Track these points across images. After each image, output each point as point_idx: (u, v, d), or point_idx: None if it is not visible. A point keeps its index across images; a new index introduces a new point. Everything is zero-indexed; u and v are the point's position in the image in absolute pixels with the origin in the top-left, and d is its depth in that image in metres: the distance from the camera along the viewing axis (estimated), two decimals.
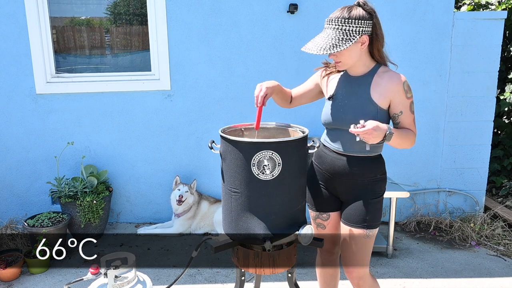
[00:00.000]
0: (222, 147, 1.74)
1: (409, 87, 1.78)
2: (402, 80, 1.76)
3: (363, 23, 1.70)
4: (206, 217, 3.65)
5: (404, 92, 1.76)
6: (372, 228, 1.87)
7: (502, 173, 4.46)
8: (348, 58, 1.77)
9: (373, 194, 1.86)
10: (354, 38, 1.69)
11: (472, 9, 4.65)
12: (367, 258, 1.92)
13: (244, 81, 3.72)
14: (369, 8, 1.74)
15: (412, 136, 1.79)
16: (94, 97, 3.71)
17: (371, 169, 1.85)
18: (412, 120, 1.80)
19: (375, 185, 1.86)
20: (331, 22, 1.74)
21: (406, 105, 1.77)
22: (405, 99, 1.76)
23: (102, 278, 1.89)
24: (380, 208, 1.89)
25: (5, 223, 3.78)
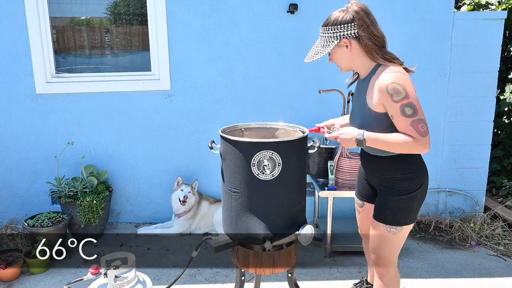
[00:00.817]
0: (222, 147, 1.74)
1: (397, 89, 1.67)
2: (387, 83, 1.69)
3: (342, 27, 1.75)
4: (206, 217, 3.65)
5: (388, 96, 1.68)
6: (393, 225, 1.87)
7: (502, 173, 4.46)
8: (340, 61, 1.84)
9: (393, 192, 1.86)
10: (332, 44, 1.77)
11: (472, 9, 4.65)
12: (390, 252, 1.93)
13: (244, 81, 3.72)
14: (352, 11, 1.76)
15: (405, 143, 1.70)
16: (94, 97, 3.71)
17: (389, 168, 1.88)
18: (405, 124, 1.69)
19: (395, 184, 1.87)
20: (320, 31, 1.86)
21: (395, 109, 1.69)
22: (392, 102, 1.68)
23: (102, 278, 1.89)
24: (405, 207, 1.86)
25: (5, 223, 3.78)
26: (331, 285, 2.83)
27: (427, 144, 1.71)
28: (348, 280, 2.90)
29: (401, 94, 1.67)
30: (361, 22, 1.74)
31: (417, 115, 1.68)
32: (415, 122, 1.68)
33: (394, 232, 1.88)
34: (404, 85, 1.68)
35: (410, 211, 1.87)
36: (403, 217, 1.87)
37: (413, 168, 1.87)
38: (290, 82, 3.73)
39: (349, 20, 1.74)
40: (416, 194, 1.86)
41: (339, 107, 3.75)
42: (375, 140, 1.73)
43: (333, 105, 3.75)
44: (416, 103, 1.69)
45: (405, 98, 1.67)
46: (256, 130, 2.02)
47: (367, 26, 1.75)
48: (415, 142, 1.69)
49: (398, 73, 1.72)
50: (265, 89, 3.73)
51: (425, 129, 1.69)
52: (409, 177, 1.86)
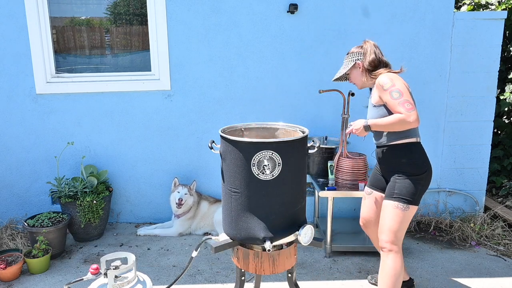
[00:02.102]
0: (222, 147, 1.74)
1: (386, 81, 2.21)
2: (378, 80, 2.27)
3: (354, 54, 2.45)
4: (206, 217, 3.65)
5: (381, 87, 2.24)
6: (401, 202, 2.24)
7: (502, 173, 4.46)
8: (354, 79, 2.49)
9: (400, 173, 2.29)
10: (349, 65, 2.45)
11: (472, 9, 4.65)
12: (399, 229, 2.27)
13: (244, 81, 3.72)
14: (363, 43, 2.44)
15: (397, 119, 2.15)
16: (94, 97, 3.71)
17: (395, 155, 2.31)
18: (394, 105, 2.17)
19: (401, 167, 2.29)
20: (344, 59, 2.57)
21: (386, 95, 2.21)
22: (383, 91, 2.22)
23: (102, 278, 1.89)
24: (410, 186, 2.24)
25: (5, 223, 3.78)
26: (331, 285, 2.83)
27: (415, 117, 2.12)
28: (348, 280, 2.90)
29: (388, 83, 2.21)
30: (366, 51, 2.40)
31: (402, 97, 2.16)
32: (402, 102, 2.15)
33: (402, 208, 2.25)
34: (390, 79, 2.23)
35: (414, 191, 2.25)
36: (409, 194, 2.24)
37: (415, 156, 2.27)
38: (290, 82, 3.73)
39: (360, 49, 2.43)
40: (420, 178, 2.25)
41: (339, 107, 3.75)
42: (376, 123, 2.25)
43: (333, 105, 3.75)
44: (401, 89, 2.18)
45: (391, 86, 2.20)
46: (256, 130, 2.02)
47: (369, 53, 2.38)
48: (405, 118, 2.13)
49: (387, 73, 2.30)
50: (265, 89, 3.73)
51: (411, 107, 2.14)
52: (413, 162, 2.26)
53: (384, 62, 2.39)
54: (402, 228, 2.29)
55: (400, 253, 2.31)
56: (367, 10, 3.61)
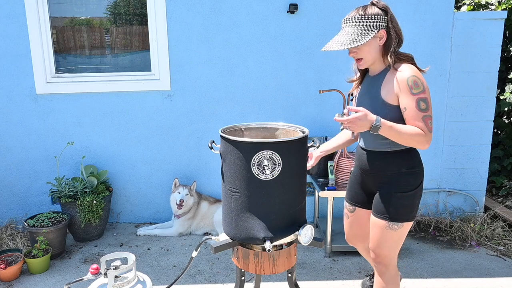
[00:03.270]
0: (222, 147, 1.74)
1: (417, 82, 1.74)
2: (408, 75, 1.75)
3: (379, 18, 1.79)
4: (206, 217, 3.65)
5: (407, 88, 1.74)
6: (396, 221, 1.89)
7: (502, 173, 4.46)
8: (368, 53, 1.83)
9: (397, 188, 1.88)
10: (373, 32, 1.77)
11: (472, 9, 4.65)
12: (392, 248, 1.95)
13: (244, 81, 3.72)
14: (382, 5, 1.82)
15: (416, 135, 1.74)
16: (94, 97, 3.71)
17: (394, 163, 1.89)
18: (417, 118, 1.74)
19: (400, 179, 1.89)
20: (348, 21, 1.83)
21: (410, 101, 1.74)
22: (409, 95, 1.74)
23: (102, 278, 1.89)
24: (408, 204, 1.88)
25: (5, 223, 3.78)
26: (331, 285, 2.83)
27: (430, 141, 1.78)
28: (348, 280, 2.90)
29: (420, 88, 1.74)
30: (392, 17, 1.82)
31: (428, 111, 1.75)
32: (426, 117, 1.75)
33: (396, 228, 1.91)
34: (422, 80, 1.76)
35: (412, 207, 1.91)
36: (406, 213, 1.90)
37: (415, 163, 1.91)
38: (290, 82, 3.73)
39: (383, 13, 1.80)
40: (417, 190, 1.91)
41: (339, 107, 3.75)
42: (390, 128, 1.75)
43: (333, 105, 3.75)
44: (429, 100, 1.77)
45: (422, 93, 1.74)
46: (256, 130, 2.02)
47: (396, 21, 1.84)
48: (423, 136, 1.75)
49: (416, 69, 1.80)
50: (265, 89, 3.73)
51: (432, 126, 1.77)
52: (413, 171, 1.89)
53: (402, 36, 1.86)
54: (396, 249, 1.97)
55: (396, 266, 2.05)
56: None
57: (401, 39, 1.84)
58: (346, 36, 1.79)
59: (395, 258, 2.00)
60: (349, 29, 1.81)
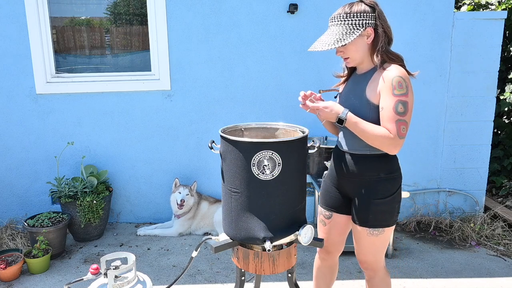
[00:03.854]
0: (222, 147, 1.74)
1: (401, 84, 1.67)
2: (394, 75, 1.68)
3: (366, 15, 1.71)
4: (206, 217, 3.65)
5: (391, 87, 1.67)
6: (376, 227, 1.85)
7: (502, 173, 4.46)
8: (355, 52, 1.77)
9: (376, 194, 1.82)
10: (359, 31, 1.71)
11: (472, 9, 4.65)
12: (377, 253, 1.92)
13: (244, 81, 3.72)
14: (370, 2, 1.75)
15: (381, 136, 1.68)
16: (94, 97, 3.71)
17: (373, 168, 1.82)
18: (391, 119, 1.67)
19: (378, 185, 1.82)
20: (334, 19, 1.77)
21: (390, 101, 1.67)
22: (390, 94, 1.67)
23: (102, 278, 1.89)
24: (388, 209, 1.83)
25: (5, 223, 3.78)
26: None
27: (399, 147, 1.70)
28: (348, 280, 2.90)
29: (403, 90, 1.68)
30: (381, 14, 1.75)
31: (405, 116, 1.68)
32: (400, 122, 1.68)
33: (377, 234, 1.86)
34: (407, 83, 1.70)
35: (392, 212, 1.86)
36: (386, 219, 1.85)
37: (394, 168, 1.85)
38: (290, 82, 3.73)
39: (370, 10, 1.72)
40: (396, 195, 1.85)
41: None
42: (355, 124, 1.71)
43: None
44: (410, 105, 1.70)
45: (404, 95, 1.68)
46: (256, 130, 2.02)
47: (385, 18, 1.77)
48: (390, 139, 1.68)
49: (404, 71, 1.74)
50: (265, 89, 3.73)
51: (405, 132, 1.69)
52: (392, 177, 1.83)
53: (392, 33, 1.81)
54: (381, 253, 1.93)
55: (384, 268, 2.00)
56: None
57: (390, 37, 1.78)
58: (331, 35, 1.74)
59: (382, 262, 1.96)
60: (334, 28, 1.76)
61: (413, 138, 3.80)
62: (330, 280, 2.23)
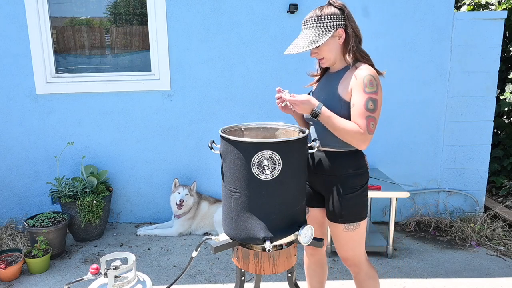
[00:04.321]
0: (222, 147, 1.74)
1: (372, 82, 1.75)
2: (365, 74, 1.77)
3: (336, 17, 1.81)
4: (206, 217, 3.65)
5: (362, 85, 1.76)
6: (351, 222, 1.91)
7: (502, 173, 4.46)
8: (329, 52, 1.86)
9: (346, 189, 1.90)
10: (330, 32, 1.80)
11: (472, 9, 4.65)
12: (356, 248, 1.97)
13: (244, 81, 3.72)
14: (339, 4, 1.84)
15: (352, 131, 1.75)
16: (94, 97, 3.71)
17: (342, 164, 1.90)
18: (361, 116, 1.75)
19: (347, 181, 1.90)
20: (306, 23, 1.86)
21: (360, 98, 1.76)
22: (362, 92, 1.76)
23: (102, 278, 1.89)
24: (359, 202, 1.91)
25: (5, 223, 3.78)
26: (331, 285, 2.83)
27: (368, 142, 1.78)
28: (348, 280, 2.90)
29: (373, 88, 1.76)
30: (349, 15, 1.84)
31: (375, 113, 1.77)
32: (370, 118, 1.76)
33: (352, 229, 1.93)
34: (378, 82, 1.78)
35: (363, 205, 1.93)
36: (359, 212, 1.92)
37: (361, 164, 1.93)
38: (290, 82, 3.73)
39: (340, 12, 1.82)
40: (365, 188, 1.93)
41: None
42: (328, 118, 1.78)
43: None
44: (379, 103, 1.78)
45: (374, 93, 1.76)
46: (256, 130, 2.02)
47: (353, 19, 1.86)
48: (360, 134, 1.76)
49: (374, 70, 1.83)
50: (265, 89, 3.74)
51: (373, 128, 1.78)
52: (359, 172, 1.91)
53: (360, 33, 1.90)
54: (360, 247, 1.98)
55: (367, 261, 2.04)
56: (367, 10, 3.61)
57: (359, 37, 1.86)
58: (305, 38, 1.82)
59: (362, 256, 2.01)
60: (307, 31, 1.84)
61: (413, 138, 3.80)
62: (322, 276, 2.27)
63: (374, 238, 3.35)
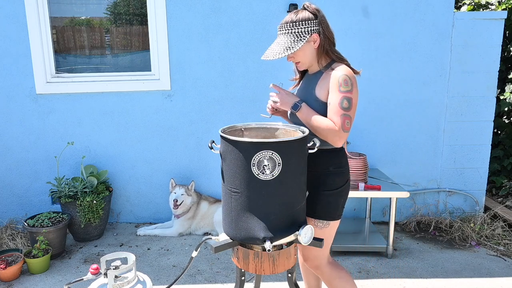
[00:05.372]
0: (222, 147, 1.74)
1: (347, 81, 1.80)
2: (340, 74, 1.81)
3: (310, 23, 1.86)
4: (206, 217, 3.65)
5: (337, 85, 1.80)
6: (321, 219, 1.93)
7: (502, 173, 4.47)
8: (304, 57, 1.92)
9: (324, 186, 1.93)
10: (305, 38, 1.85)
11: (472, 9, 4.65)
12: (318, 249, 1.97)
13: (244, 81, 3.72)
14: (313, 9, 1.88)
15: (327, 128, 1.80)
16: (94, 97, 3.71)
17: (322, 162, 1.93)
18: (336, 113, 1.80)
19: (327, 178, 1.93)
20: (281, 28, 1.91)
21: (336, 97, 1.80)
22: (337, 91, 1.80)
23: (102, 278, 1.89)
24: (332, 201, 1.93)
25: (5, 223, 3.78)
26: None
27: (343, 139, 1.82)
28: None
29: (348, 87, 1.80)
30: (323, 19, 1.88)
31: (349, 111, 1.81)
32: (345, 116, 1.80)
33: (321, 226, 1.95)
34: (353, 81, 1.82)
35: (337, 206, 1.95)
36: (331, 211, 1.94)
37: (342, 163, 1.96)
38: (290, 82, 3.73)
39: (313, 17, 1.86)
40: (343, 189, 1.95)
41: None
42: (307, 113, 1.85)
43: None
44: (354, 101, 1.82)
45: (348, 92, 1.80)
46: (256, 130, 2.02)
47: (327, 23, 1.90)
48: (335, 131, 1.80)
49: (350, 70, 1.86)
50: (265, 89, 3.73)
51: (349, 127, 1.82)
52: (340, 171, 1.95)
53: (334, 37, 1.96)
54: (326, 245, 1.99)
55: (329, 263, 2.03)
56: (367, 10, 3.61)
57: (332, 41, 1.91)
58: (281, 44, 1.87)
59: (325, 258, 2.01)
60: (283, 37, 1.89)
61: (413, 138, 3.80)
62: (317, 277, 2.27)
63: (374, 238, 3.36)
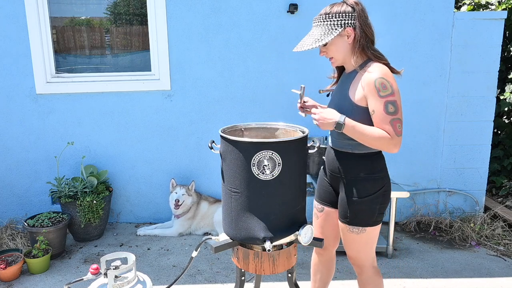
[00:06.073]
0: (222, 147, 1.74)
1: (384, 84, 1.68)
2: (375, 77, 1.70)
3: (345, 16, 1.75)
4: (206, 217, 3.65)
5: (375, 90, 1.69)
6: (355, 225, 1.87)
7: (502, 173, 4.46)
8: (336, 52, 1.81)
9: (354, 193, 1.85)
10: (337, 31, 1.75)
11: (472, 9, 4.65)
12: (359, 251, 1.93)
13: (244, 81, 3.72)
14: (352, 2, 1.78)
15: (380, 138, 1.70)
16: (94, 97, 3.71)
17: (354, 166, 1.85)
18: (385, 121, 1.69)
19: (357, 184, 1.85)
20: (316, 21, 1.83)
21: (378, 104, 1.70)
22: (377, 97, 1.69)
23: (102, 278, 1.89)
24: (365, 209, 1.85)
25: (5, 223, 3.78)
26: (331, 285, 2.83)
27: (399, 145, 1.72)
28: (348, 280, 2.90)
29: (388, 90, 1.69)
30: (361, 14, 1.78)
31: (397, 114, 1.70)
32: (394, 121, 1.70)
33: (357, 232, 1.89)
34: (391, 82, 1.71)
35: (372, 213, 1.86)
36: (365, 219, 1.86)
37: (376, 169, 1.85)
38: (290, 82, 3.73)
39: (351, 11, 1.76)
40: (377, 196, 1.85)
41: None
42: (353, 128, 1.72)
43: None
44: (399, 102, 1.72)
45: (390, 95, 1.70)
46: (256, 130, 2.02)
47: (365, 18, 1.79)
48: (389, 140, 1.70)
49: (386, 70, 1.75)
50: (265, 89, 3.73)
51: (401, 130, 1.72)
52: (371, 177, 1.84)
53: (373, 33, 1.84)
54: (364, 251, 1.93)
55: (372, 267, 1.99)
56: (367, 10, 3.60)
57: (369, 38, 1.80)
58: (311, 36, 1.80)
59: (368, 260, 1.96)
60: (314, 29, 1.82)
61: (413, 138, 3.80)
62: (327, 276, 2.25)
63: None
